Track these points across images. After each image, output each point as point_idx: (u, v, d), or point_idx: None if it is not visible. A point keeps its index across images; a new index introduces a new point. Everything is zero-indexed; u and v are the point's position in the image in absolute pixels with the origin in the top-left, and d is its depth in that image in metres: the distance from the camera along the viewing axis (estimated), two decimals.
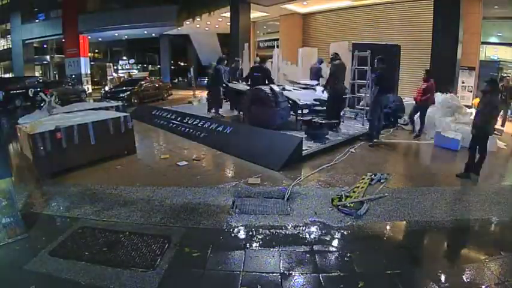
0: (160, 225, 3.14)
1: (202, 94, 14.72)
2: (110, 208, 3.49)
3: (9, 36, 25.23)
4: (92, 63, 24.95)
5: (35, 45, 25.09)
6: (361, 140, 6.19)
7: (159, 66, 29.30)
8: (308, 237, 2.94)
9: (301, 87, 8.51)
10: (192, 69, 18.01)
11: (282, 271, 2.43)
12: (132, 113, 6.37)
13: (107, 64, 26.40)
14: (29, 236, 2.93)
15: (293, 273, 2.41)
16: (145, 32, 22.90)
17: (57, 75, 26.36)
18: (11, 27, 24.03)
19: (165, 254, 2.64)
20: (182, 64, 30.23)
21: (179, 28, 19.41)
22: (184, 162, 5.05)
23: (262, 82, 7.13)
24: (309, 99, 7.20)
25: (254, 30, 17.51)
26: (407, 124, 7.49)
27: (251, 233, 2.99)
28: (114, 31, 21.90)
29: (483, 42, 10.40)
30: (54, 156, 4.43)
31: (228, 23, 14.77)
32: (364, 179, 4.24)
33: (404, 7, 11.97)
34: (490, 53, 10.81)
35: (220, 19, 16.75)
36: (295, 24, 15.65)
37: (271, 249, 2.72)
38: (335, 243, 2.88)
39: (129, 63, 30.52)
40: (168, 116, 8.05)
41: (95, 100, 13.53)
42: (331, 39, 12.10)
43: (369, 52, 7.10)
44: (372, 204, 3.56)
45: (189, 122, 7.11)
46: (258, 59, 8.58)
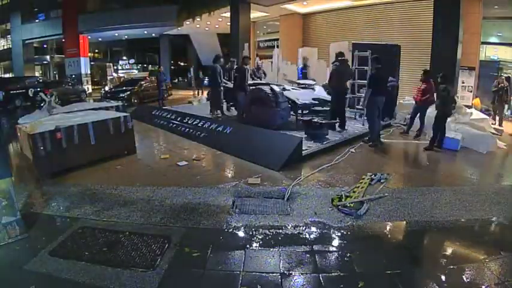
0: (160, 225, 3.13)
1: (203, 94, 14.85)
2: (110, 208, 3.49)
3: (9, 36, 25.24)
4: (92, 63, 24.96)
5: (35, 45, 25.11)
6: (364, 141, 6.20)
7: (158, 66, 29.30)
8: (308, 237, 2.93)
9: (300, 86, 8.52)
10: (192, 69, 18.02)
11: (282, 271, 2.43)
12: (132, 113, 6.37)
13: (107, 64, 26.38)
14: (29, 236, 2.93)
15: (293, 273, 2.41)
16: (145, 32, 22.90)
17: (57, 75, 26.38)
18: (11, 27, 24.04)
19: (165, 254, 2.64)
20: (182, 64, 30.22)
21: (179, 28, 19.40)
22: (184, 162, 5.04)
23: (239, 82, 7.64)
24: (307, 99, 7.20)
25: (254, 30, 17.50)
26: (407, 124, 7.48)
27: (251, 233, 2.99)
28: (114, 31, 21.91)
29: (483, 42, 10.38)
30: (54, 156, 4.44)
31: (228, 23, 14.75)
32: (364, 179, 4.24)
33: (404, 7, 11.96)
34: (490, 53, 10.78)
35: (220, 19, 16.74)
36: (295, 24, 15.65)
37: (271, 249, 2.72)
38: (335, 243, 2.88)
39: (129, 63, 30.54)
40: (168, 116, 8.05)
41: (95, 100, 13.53)
42: (331, 39, 12.08)
43: (369, 52, 7.10)
44: (372, 204, 3.56)
45: (189, 122, 7.11)
46: (234, 60, 9.36)
